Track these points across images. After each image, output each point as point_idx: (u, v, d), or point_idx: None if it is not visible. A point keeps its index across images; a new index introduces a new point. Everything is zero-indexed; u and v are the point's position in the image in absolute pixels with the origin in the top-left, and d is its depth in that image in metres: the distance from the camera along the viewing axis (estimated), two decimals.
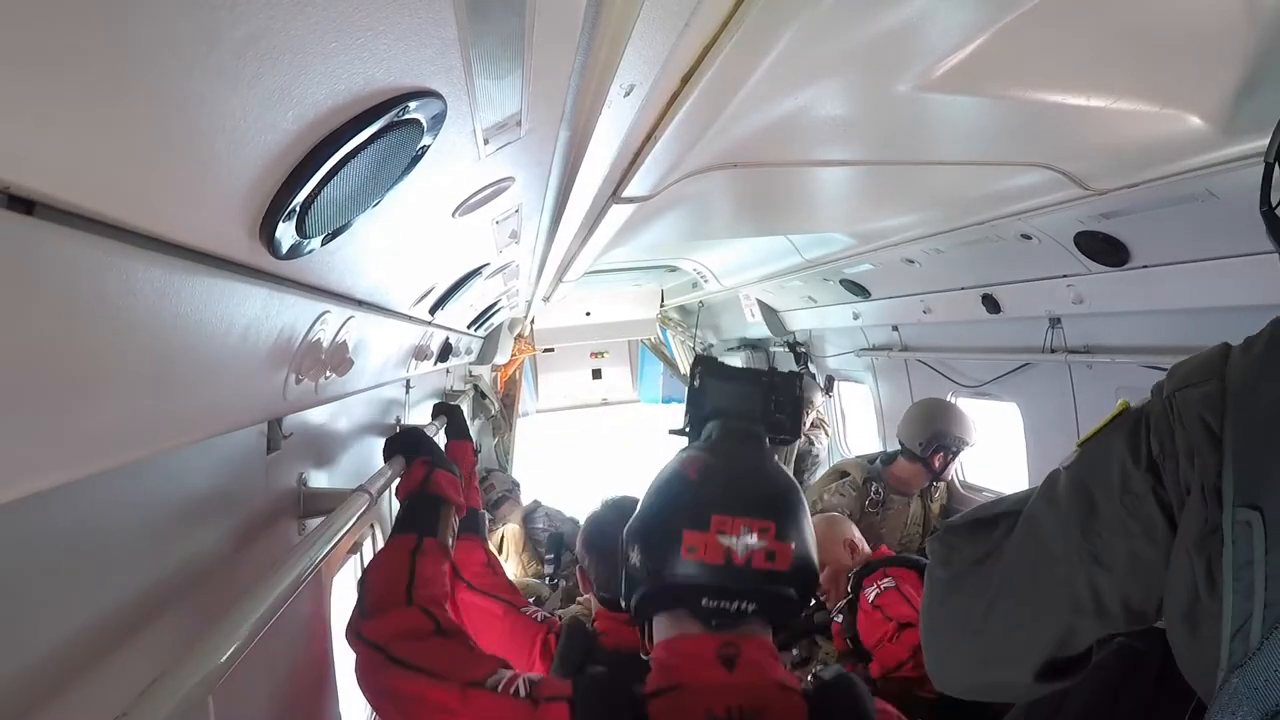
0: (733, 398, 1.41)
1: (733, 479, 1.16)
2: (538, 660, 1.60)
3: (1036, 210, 2.19)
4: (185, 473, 1.19)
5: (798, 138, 1.52)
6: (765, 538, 1.09)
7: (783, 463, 4.13)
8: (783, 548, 1.11)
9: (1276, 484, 0.68)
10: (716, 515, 1.11)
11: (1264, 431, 0.70)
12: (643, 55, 0.88)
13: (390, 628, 1.16)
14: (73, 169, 0.48)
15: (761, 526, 1.10)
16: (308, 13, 0.50)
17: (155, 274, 0.64)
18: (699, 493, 1.15)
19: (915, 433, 3.44)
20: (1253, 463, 0.70)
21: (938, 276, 3.23)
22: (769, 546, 1.10)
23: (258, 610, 0.97)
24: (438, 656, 1.11)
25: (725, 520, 1.10)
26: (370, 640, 1.15)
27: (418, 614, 1.19)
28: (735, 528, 1.10)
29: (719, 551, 1.09)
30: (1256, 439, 0.70)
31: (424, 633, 1.15)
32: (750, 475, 1.19)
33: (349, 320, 1.30)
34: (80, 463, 0.67)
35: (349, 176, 0.74)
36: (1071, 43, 1.18)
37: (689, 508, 1.14)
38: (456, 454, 2.30)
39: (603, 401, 8.18)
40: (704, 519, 1.11)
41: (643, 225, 2.35)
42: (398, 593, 1.23)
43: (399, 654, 1.10)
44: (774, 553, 1.10)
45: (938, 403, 3.57)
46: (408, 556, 1.32)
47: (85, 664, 0.88)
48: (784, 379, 1.44)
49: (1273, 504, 0.67)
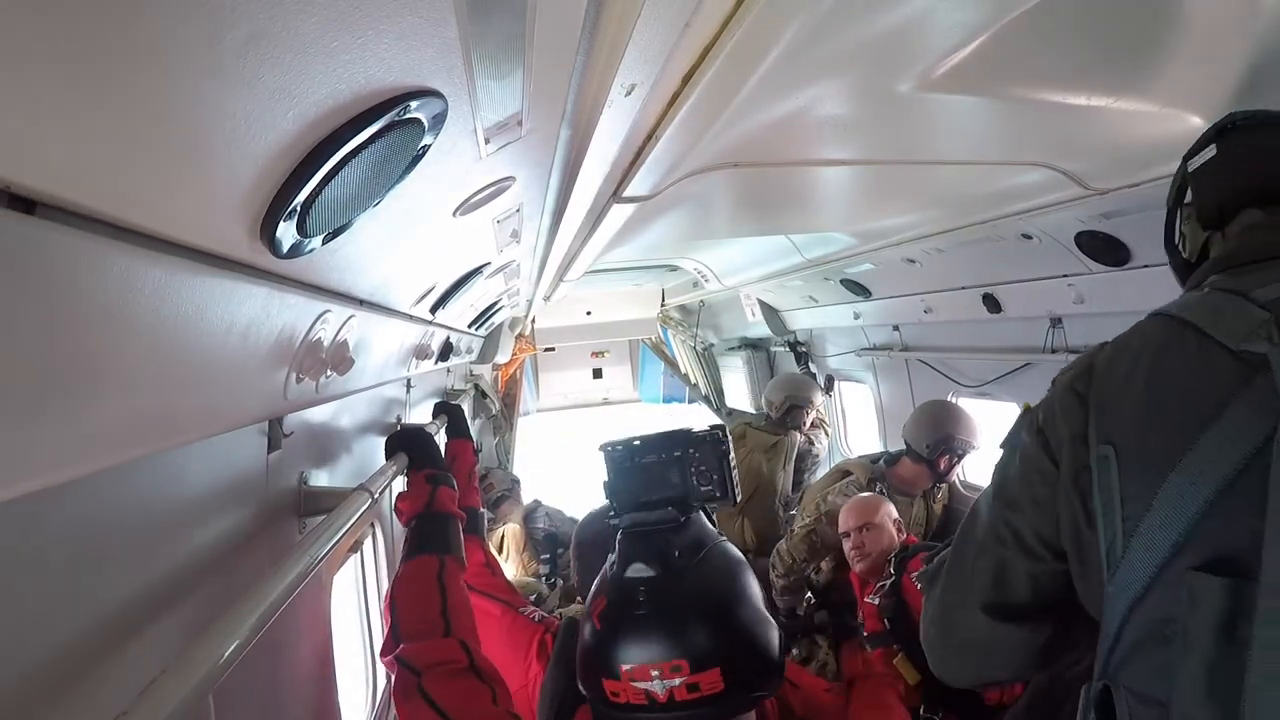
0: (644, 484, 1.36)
1: (633, 624, 1.12)
2: (534, 660, 1.60)
3: (1037, 210, 2.19)
4: (186, 472, 1.19)
5: (798, 137, 1.52)
6: (680, 674, 1.07)
7: (784, 461, 4.10)
8: (705, 677, 1.08)
9: (1125, 428, 0.86)
10: (623, 667, 1.09)
11: (1117, 391, 0.90)
12: (644, 55, 0.88)
13: (428, 655, 1.19)
14: (73, 168, 0.48)
15: (673, 666, 1.07)
16: (309, 12, 0.50)
17: (156, 273, 0.64)
18: (604, 644, 1.13)
19: (922, 435, 3.42)
20: (1108, 413, 0.89)
21: (938, 276, 3.23)
22: (687, 680, 1.07)
23: (258, 609, 0.97)
24: (463, 702, 1.13)
25: (633, 669, 1.09)
26: (408, 663, 1.18)
27: (455, 646, 1.22)
28: (645, 674, 1.08)
29: (639, 694, 1.09)
30: (1111, 396, 0.90)
31: (458, 668, 1.18)
32: (655, 609, 1.12)
33: (350, 319, 1.30)
34: (81, 461, 0.67)
35: (350, 176, 0.74)
36: (1072, 42, 1.18)
37: (600, 659, 1.13)
38: (457, 453, 2.31)
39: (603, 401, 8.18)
40: (614, 670, 1.10)
41: (643, 225, 2.35)
42: (434, 618, 1.28)
43: (428, 687, 1.13)
44: (695, 684, 1.08)
45: (945, 405, 3.55)
46: (435, 580, 1.36)
47: (86, 663, 0.88)
48: (703, 444, 1.38)
49: (1123, 441, 0.86)
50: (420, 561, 1.42)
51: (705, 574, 1.18)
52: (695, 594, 1.14)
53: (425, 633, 1.25)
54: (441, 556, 1.43)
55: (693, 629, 1.10)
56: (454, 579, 1.39)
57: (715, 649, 1.09)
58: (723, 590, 1.16)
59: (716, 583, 1.17)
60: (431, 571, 1.38)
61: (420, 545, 1.47)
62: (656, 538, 1.21)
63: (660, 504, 1.30)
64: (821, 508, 3.55)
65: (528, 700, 1.53)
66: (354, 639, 2.32)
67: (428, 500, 1.56)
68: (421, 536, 1.50)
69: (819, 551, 3.57)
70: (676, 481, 1.36)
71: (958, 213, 2.46)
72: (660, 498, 1.34)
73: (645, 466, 1.37)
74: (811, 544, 3.54)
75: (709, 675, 1.07)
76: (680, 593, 1.14)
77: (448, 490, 1.61)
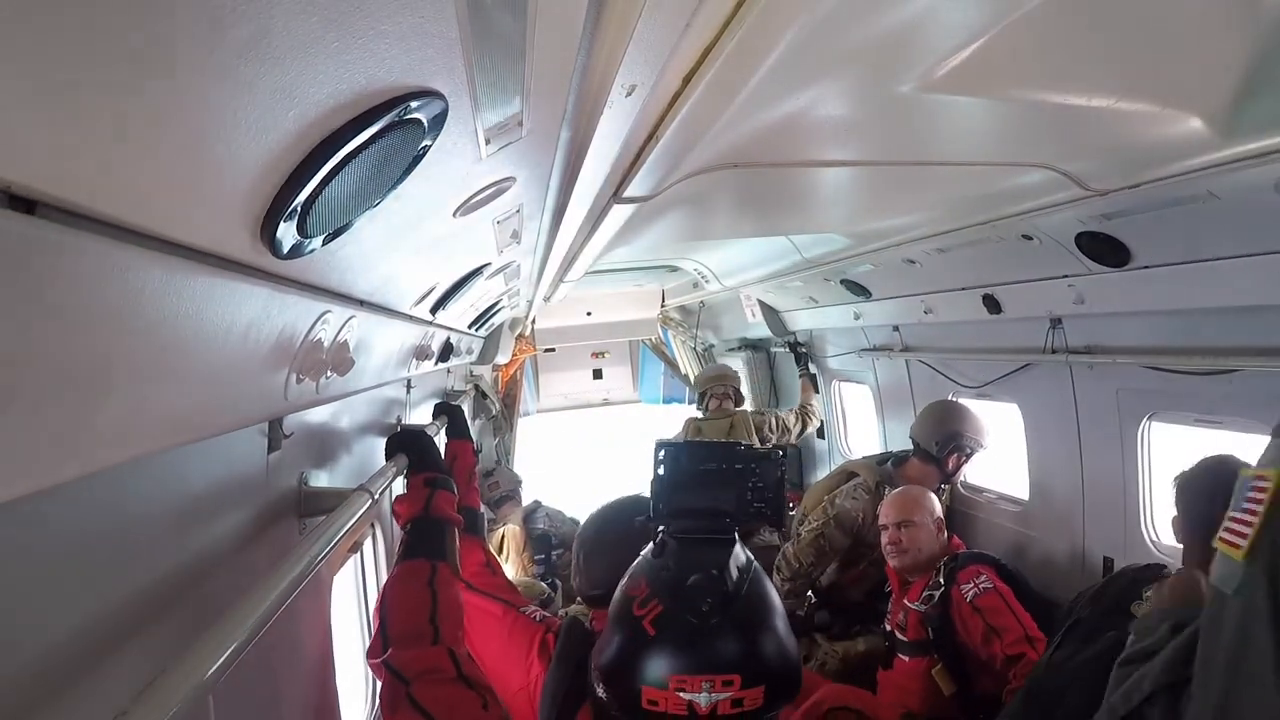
0: (702, 493, 1.32)
1: (692, 635, 1.09)
2: (536, 659, 1.60)
3: (1038, 210, 2.19)
4: (186, 472, 1.19)
5: (799, 138, 1.52)
6: (730, 689, 1.06)
7: (746, 436, 4.12)
8: (751, 694, 1.07)
9: None
10: (674, 676, 1.07)
11: None
12: (644, 55, 0.88)
13: (417, 663, 1.20)
14: (74, 168, 0.48)
15: (725, 679, 1.06)
16: (310, 12, 0.50)
17: (156, 274, 0.64)
18: (655, 650, 1.10)
19: (931, 432, 3.43)
20: None
21: (939, 277, 3.23)
22: (734, 695, 1.06)
23: (258, 609, 0.97)
24: (452, 709, 1.14)
25: (684, 680, 1.07)
26: (397, 670, 1.19)
27: (443, 655, 1.22)
28: (696, 685, 1.06)
29: (680, 704, 1.07)
30: None
31: (446, 677, 1.19)
32: (719, 620, 1.10)
33: (350, 320, 1.30)
34: (80, 461, 0.67)
35: (350, 176, 0.74)
36: (1073, 43, 1.18)
37: (645, 664, 1.10)
38: (457, 453, 2.31)
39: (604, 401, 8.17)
40: (662, 679, 1.08)
41: (644, 225, 2.35)
42: (423, 625, 1.28)
43: (417, 695, 1.14)
44: (741, 700, 1.06)
45: (953, 404, 3.57)
46: (426, 585, 1.36)
47: (85, 662, 0.88)
48: (766, 461, 1.34)
49: None
50: (412, 565, 1.42)
51: (758, 591, 1.17)
52: (753, 610, 1.14)
53: (413, 637, 1.25)
54: (434, 562, 1.43)
55: (753, 645, 1.09)
56: (446, 585, 1.39)
57: (767, 667, 1.09)
58: (774, 609, 1.16)
59: (768, 601, 1.17)
60: (423, 577, 1.39)
61: (414, 549, 1.48)
62: (718, 548, 1.20)
63: (709, 514, 1.29)
64: (830, 511, 3.54)
65: (529, 700, 1.53)
66: (354, 640, 2.32)
67: (425, 504, 1.57)
68: (416, 541, 1.50)
69: (826, 556, 3.57)
70: (730, 495, 1.33)
71: (958, 213, 2.46)
72: (707, 507, 1.31)
73: (704, 473, 1.34)
74: (819, 548, 3.53)
75: (755, 692, 1.07)
76: (742, 607, 1.13)
77: (446, 495, 1.61)
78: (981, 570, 2.73)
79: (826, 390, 5.36)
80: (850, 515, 3.51)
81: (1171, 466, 2.67)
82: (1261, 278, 1.92)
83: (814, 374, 5.32)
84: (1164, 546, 2.64)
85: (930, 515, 2.98)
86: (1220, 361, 2.27)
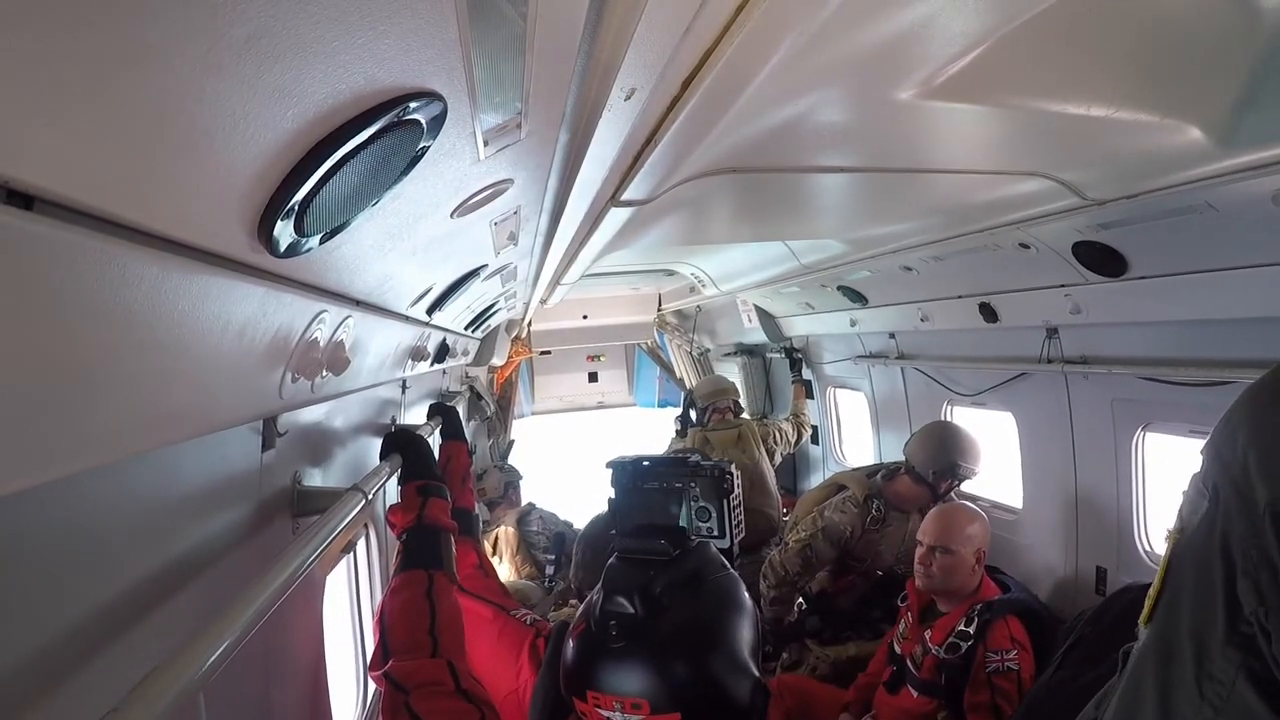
0: (645, 509, 1.31)
1: (602, 655, 1.08)
2: (525, 663, 1.60)
3: (1035, 219, 2.19)
4: (179, 469, 1.19)
5: (797, 144, 1.53)
6: (640, 713, 1.05)
7: (755, 445, 4.08)
8: (666, 718, 1.04)
9: None
10: (589, 692, 1.08)
11: None
12: (644, 59, 0.88)
13: (416, 675, 1.20)
14: (72, 165, 0.48)
15: (633, 703, 1.05)
16: (309, 11, 0.50)
17: (153, 270, 0.64)
18: (574, 666, 1.11)
19: (929, 459, 3.39)
20: None
21: (936, 284, 3.24)
22: (645, 718, 1.04)
23: (250, 607, 0.97)
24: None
25: (597, 696, 1.07)
26: (397, 681, 1.20)
27: (443, 668, 1.23)
28: (609, 704, 1.06)
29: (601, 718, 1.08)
30: None
31: (444, 690, 1.19)
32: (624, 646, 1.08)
33: (346, 320, 1.29)
34: (74, 458, 0.66)
35: (348, 176, 0.74)
36: (1071, 53, 1.18)
37: (571, 678, 1.11)
38: (452, 454, 2.31)
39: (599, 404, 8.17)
40: (581, 693, 1.09)
41: (641, 229, 2.36)
42: (422, 636, 1.29)
43: (415, 705, 1.15)
44: None
45: (952, 430, 3.50)
46: (424, 596, 1.37)
47: (77, 660, 0.88)
48: (703, 478, 1.31)
49: None
50: (410, 576, 1.43)
51: (689, 614, 1.12)
52: (670, 636, 1.09)
53: (413, 649, 1.26)
54: (431, 572, 1.44)
55: (657, 673, 1.06)
56: (444, 595, 1.40)
57: (678, 695, 1.05)
58: (702, 634, 1.10)
59: (697, 625, 1.11)
60: (421, 588, 1.39)
61: (411, 559, 1.48)
62: (642, 570, 1.15)
63: (660, 532, 1.24)
64: (819, 523, 3.55)
65: (518, 704, 1.53)
66: (346, 639, 2.31)
67: (419, 513, 1.57)
68: (412, 550, 1.51)
69: (813, 566, 3.57)
70: (676, 512, 1.32)
71: (956, 221, 2.47)
72: (662, 524, 1.30)
73: (646, 492, 1.34)
74: (805, 558, 3.53)
75: (669, 717, 1.05)
76: (655, 633, 1.09)
77: (439, 502, 1.61)
78: (1013, 632, 2.54)
79: (822, 397, 5.36)
80: (838, 529, 3.51)
81: (1165, 478, 2.68)
82: (1259, 290, 1.92)
83: (807, 380, 5.32)
84: (1157, 557, 2.64)
85: (972, 546, 2.71)
86: (1215, 373, 2.27)
